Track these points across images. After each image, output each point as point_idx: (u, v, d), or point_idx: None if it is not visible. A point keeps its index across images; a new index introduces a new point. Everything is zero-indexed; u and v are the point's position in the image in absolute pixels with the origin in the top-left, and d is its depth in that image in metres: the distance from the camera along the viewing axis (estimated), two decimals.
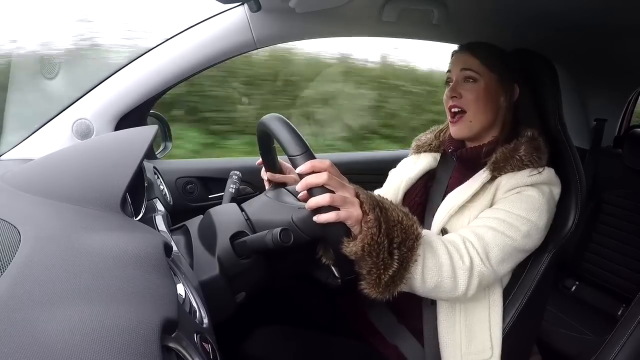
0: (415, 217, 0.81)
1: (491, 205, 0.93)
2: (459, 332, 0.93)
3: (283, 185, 1.03)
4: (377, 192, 1.21)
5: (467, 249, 0.85)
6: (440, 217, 0.96)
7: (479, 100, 0.97)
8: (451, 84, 1.01)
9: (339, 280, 0.87)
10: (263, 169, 1.07)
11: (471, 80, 0.98)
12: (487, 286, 0.92)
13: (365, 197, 0.76)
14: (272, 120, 0.81)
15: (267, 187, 1.06)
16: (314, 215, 0.74)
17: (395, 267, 0.76)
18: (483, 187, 0.95)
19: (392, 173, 1.21)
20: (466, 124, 0.99)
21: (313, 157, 0.75)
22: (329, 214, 0.72)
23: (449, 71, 1.03)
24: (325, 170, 0.73)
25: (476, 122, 0.98)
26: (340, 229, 0.75)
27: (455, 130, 1.01)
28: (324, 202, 0.72)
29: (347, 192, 0.75)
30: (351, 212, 0.73)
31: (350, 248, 0.74)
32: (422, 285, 0.82)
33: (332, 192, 0.73)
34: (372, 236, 0.73)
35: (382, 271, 0.75)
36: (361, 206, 0.74)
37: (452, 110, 1.00)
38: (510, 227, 0.87)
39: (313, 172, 0.73)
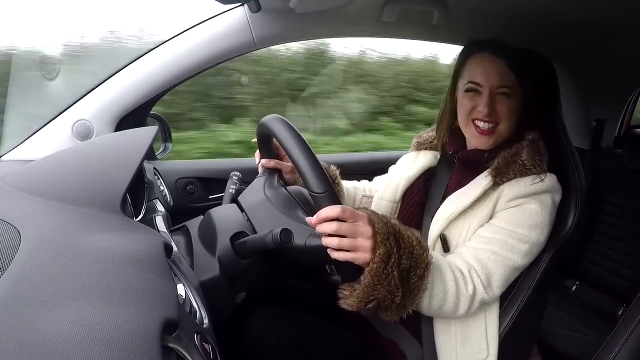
0: (426, 245, 0.83)
1: (492, 214, 0.92)
2: (454, 333, 0.94)
3: (277, 171, 1.04)
4: (375, 183, 1.22)
5: (472, 277, 0.86)
6: (439, 221, 0.95)
7: (512, 115, 0.95)
8: (481, 95, 0.94)
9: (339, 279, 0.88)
10: (257, 152, 1.06)
11: (505, 95, 0.93)
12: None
13: (381, 225, 0.76)
14: (284, 132, 0.79)
15: (260, 172, 1.05)
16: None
17: (402, 294, 0.78)
18: (485, 194, 0.93)
19: (392, 169, 1.20)
20: (497, 138, 0.96)
21: (335, 196, 0.76)
22: (338, 254, 0.75)
23: (473, 81, 0.94)
24: (337, 214, 0.74)
25: (506, 134, 0.97)
26: (352, 266, 0.77)
27: (486, 142, 0.96)
28: (333, 245, 0.74)
29: (360, 220, 0.75)
30: (358, 257, 0.75)
31: (363, 280, 0.77)
32: (427, 308, 0.85)
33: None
34: (378, 269, 0.75)
35: (392, 298, 0.78)
36: (375, 236, 0.75)
37: (486, 125, 0.94)
38: (512, 249, 0.88)
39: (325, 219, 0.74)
